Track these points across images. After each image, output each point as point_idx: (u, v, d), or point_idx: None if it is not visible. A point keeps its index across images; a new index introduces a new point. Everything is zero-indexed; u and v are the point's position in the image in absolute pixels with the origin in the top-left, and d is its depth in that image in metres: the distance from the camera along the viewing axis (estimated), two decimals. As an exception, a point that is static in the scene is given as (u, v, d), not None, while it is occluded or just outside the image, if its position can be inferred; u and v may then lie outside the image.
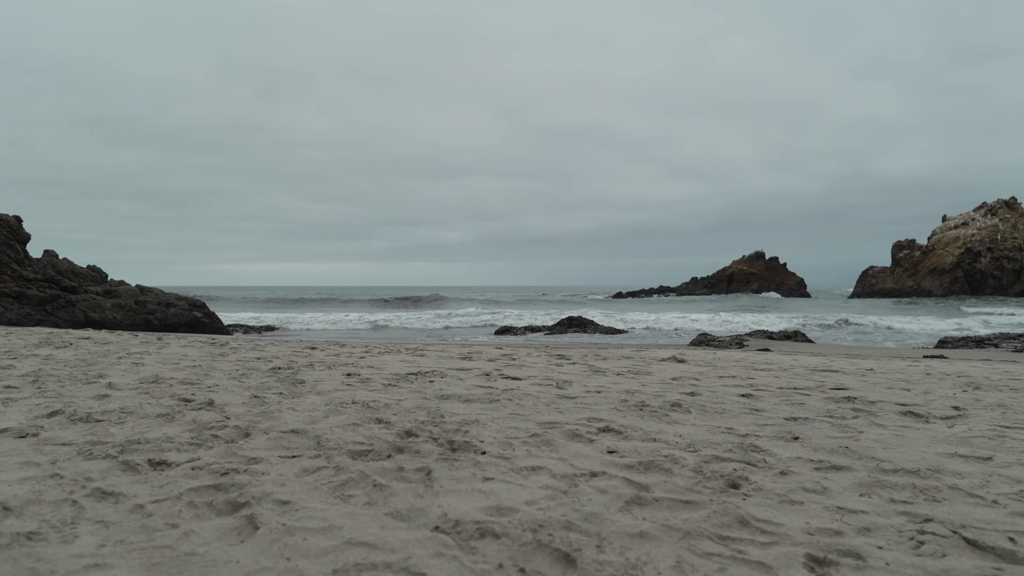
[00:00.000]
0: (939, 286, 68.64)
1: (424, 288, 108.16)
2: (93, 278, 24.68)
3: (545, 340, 19.36)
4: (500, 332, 24.16)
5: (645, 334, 21.02)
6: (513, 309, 40.65)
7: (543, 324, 25.81)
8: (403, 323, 27.13)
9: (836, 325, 21.66)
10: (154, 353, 6.80)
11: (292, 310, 40.25)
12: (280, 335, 23.61)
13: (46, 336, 10.00)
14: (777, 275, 77.65)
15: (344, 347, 10.15)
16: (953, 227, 72.91)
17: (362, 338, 21.19)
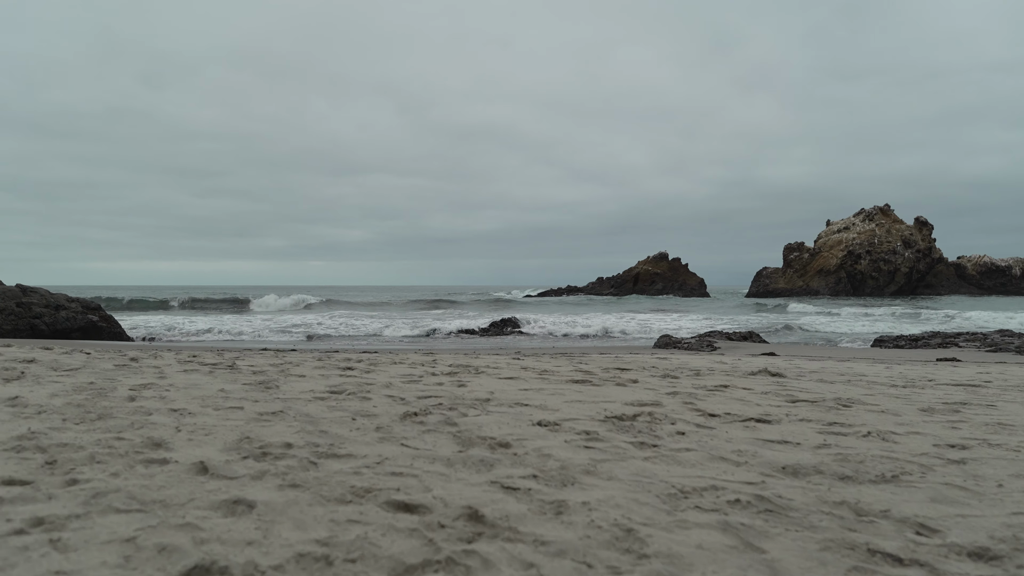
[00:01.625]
0: (825, 286, 74.02)
1: (325, 288, 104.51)
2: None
3: (493, 343, 18.92)
4: (428, 334, 23.54)
5: (595, 335, 21.01)
6: (435, 311, 39.89)
7: (474, 327, 25.37)
8: (329, 329, 25.83)
9: (781, 329, 22.61)
10: (148, 382, 5.44)
11: (192, 312, 37.48)
12: (208, 340, 21.71)
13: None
14: (680, 275, 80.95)
15: (338, 356, 9.29)
16: (836, 231, 78.83)
17: (309, 348, 19.90)
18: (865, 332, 20.75)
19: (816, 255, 77.81)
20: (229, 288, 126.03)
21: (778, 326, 23.88)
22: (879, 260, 73.48)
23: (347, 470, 2.77)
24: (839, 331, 21.67)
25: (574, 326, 23.31)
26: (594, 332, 21.40)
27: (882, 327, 23.19)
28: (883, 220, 76.84)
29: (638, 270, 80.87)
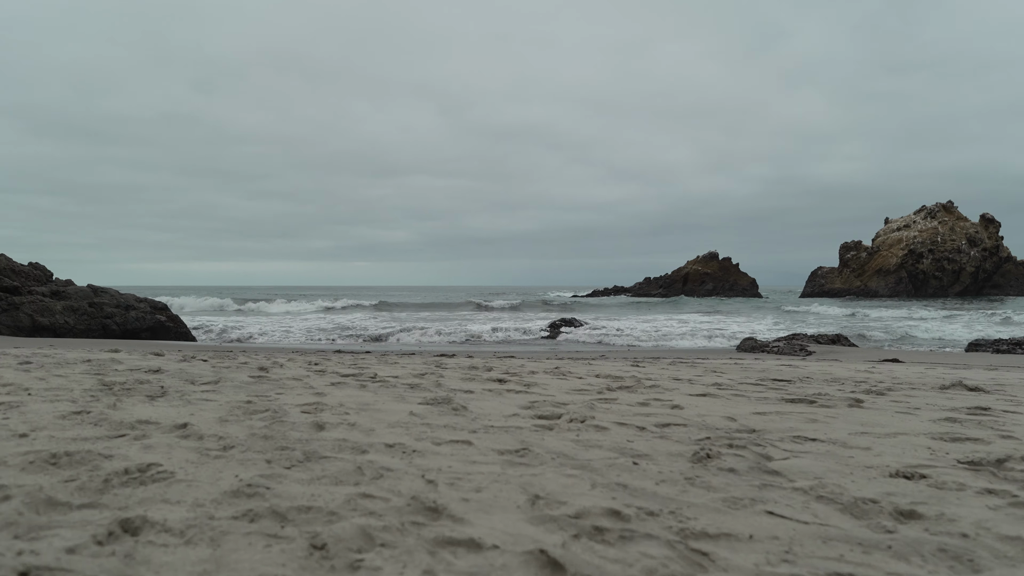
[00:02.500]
0: (885, 286, 71.07)
1: (369, 289, 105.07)
2: (37, 277, 21.62)
3: (588, 348, 17.93)
4: (502, 339, 22.68)
5: (658, 338, 19.86)
6: (485, 312, 39.05)
7: (533, 328, 24.38)
8: (398, 331, 25.14)
9: (857, 332, 21.09)
10: (311, 402, 4.44)
11: (244, 312, 37.37)
12: (284, 342, 21.26)
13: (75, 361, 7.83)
14: (731, 275, 78.78)
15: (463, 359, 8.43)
16: (896, 229, 75.67)
17: (406, 350, 19.25)
18: (959, 336, 19.08)
19: (874, 254, 74.82)
20: (276, 289, 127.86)
21: (860, 329, 22.34)
22: (943, 259, 70.23)
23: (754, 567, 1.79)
24: (933, 335, 20.05)
25: (653, 329, 22.15)
26: (678, 334, 20.20)
27: (963, 329, 21.49)
28: (946, 217, 73.45)
29: (687, 270, 78.96)
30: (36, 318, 18.83)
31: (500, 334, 20.64)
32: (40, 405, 3.56)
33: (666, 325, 24.45)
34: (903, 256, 71.90)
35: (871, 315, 30.78)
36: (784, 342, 14.30)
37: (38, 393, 3.92)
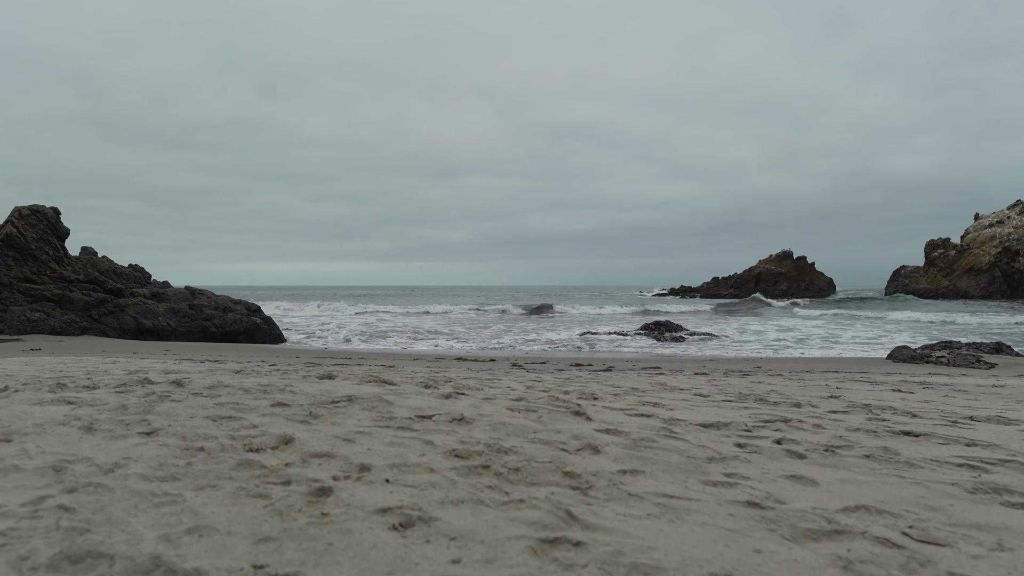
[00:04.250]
0: (976, 286, 66.75)
1: (430, 288, 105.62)
2: (136, 279, 22.02)
3: (691, 354, 16.89)
4: (584, 335, 21.84)
5: (776, 345, 18.56)
6: (588, 308, 38.21)
7: (624, 330, 23.43)
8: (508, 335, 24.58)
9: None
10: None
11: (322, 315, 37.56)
12: (378, 348, 20.95)
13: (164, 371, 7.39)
14: (806, 275, 75.60)
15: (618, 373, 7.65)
16: (987, 225, 70.99)
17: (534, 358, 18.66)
18: None
19: (964, 252, 70.39)
20: (341, 288, 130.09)
21: (997, 334, 20.43)
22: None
23: None
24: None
25: (760, 334, 20.86)
26: (796, 341, 18.88)
27: None
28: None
29: (759, 270, 76.18)
30: (140, 320, 19.07)
31: (633, 343, 19.71)
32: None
33: (781, 332, 23.07)
34: (996, 254, 67.34)
35: (999, 321, 28.43)
36: (948, 351, 12.90)
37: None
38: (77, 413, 2.92)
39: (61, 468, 2.04)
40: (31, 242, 19.11)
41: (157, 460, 2.19)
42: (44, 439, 2.45)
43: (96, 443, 2.38)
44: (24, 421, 2.73)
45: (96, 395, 3.45)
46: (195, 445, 2.40)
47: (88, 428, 2.61)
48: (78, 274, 20.02)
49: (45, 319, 17.81)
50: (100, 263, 21.64)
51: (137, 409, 3.01)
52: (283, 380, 4.39)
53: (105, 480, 1.94)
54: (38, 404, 3.17)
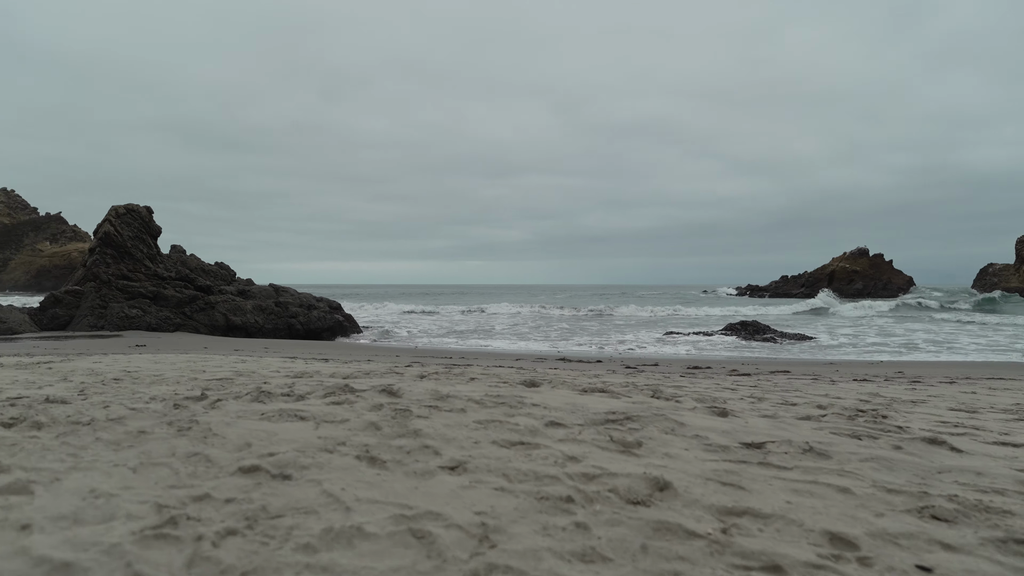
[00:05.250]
0: (1075, 285, 62.22)
1: (489, 287, 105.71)
2: (223, 276, 22.26)
3: (764, 355, 15.82)
4: (669, 334, 20.91)
5: (870, 348, 17.25)
6: (660, 308, 37.16)
7: (707, 329, 22.34)
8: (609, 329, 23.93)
9: None
10: None
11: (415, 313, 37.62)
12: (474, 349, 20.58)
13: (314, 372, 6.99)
14: (883, 273, 72.02)
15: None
16: (1087, 221, 66.17)
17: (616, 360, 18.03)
18: None
19: (1061, 249, 65.82)
20: (399, 287, 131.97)
21: None
22: None
23: None
24: None
25: (856, 337, 19.52)
26: (922, 343, 17.54)
27: None
28: None
29: (832, 268, 73.01)
30: (230, 317, 19.18)
31: (722, 344, 18.81)
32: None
33: (882, 335, 21.63)
34: (1098, 251, 62.74)
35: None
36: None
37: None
38: (329, 434, 2.41)
39: (423, 535, 1.48)
40: (127, 240, 19.48)
41: (539, 523, 1.61)
42: (333, 476, 1.92)
43: (410, 485, 1.83)
44: (280, 446, 2.22)
45: (319, 408, 2.95)
46: (551, 492, 1.82)
47: (370, 459, 2.08)
48: (170, 271, 20.33)
49: (142, 315, 18.08)
50: (189, 261, 21.97)
51: (395, 430, 2.48)
52: (501, 390, 3.81)
53: (524, 564, 1.37)
54: (267, 419, 2.68)
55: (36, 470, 1.88)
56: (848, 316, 31.74)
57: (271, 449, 2.17)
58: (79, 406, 3.01)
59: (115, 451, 2.15)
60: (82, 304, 18.16)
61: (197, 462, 2.02)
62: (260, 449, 2.18)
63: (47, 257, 71.43)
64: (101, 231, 19.63)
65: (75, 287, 19.06)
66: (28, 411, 2.86)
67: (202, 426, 2.50)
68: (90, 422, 2.54)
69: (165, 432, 2.42)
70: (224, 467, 1.97)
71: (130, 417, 2.68)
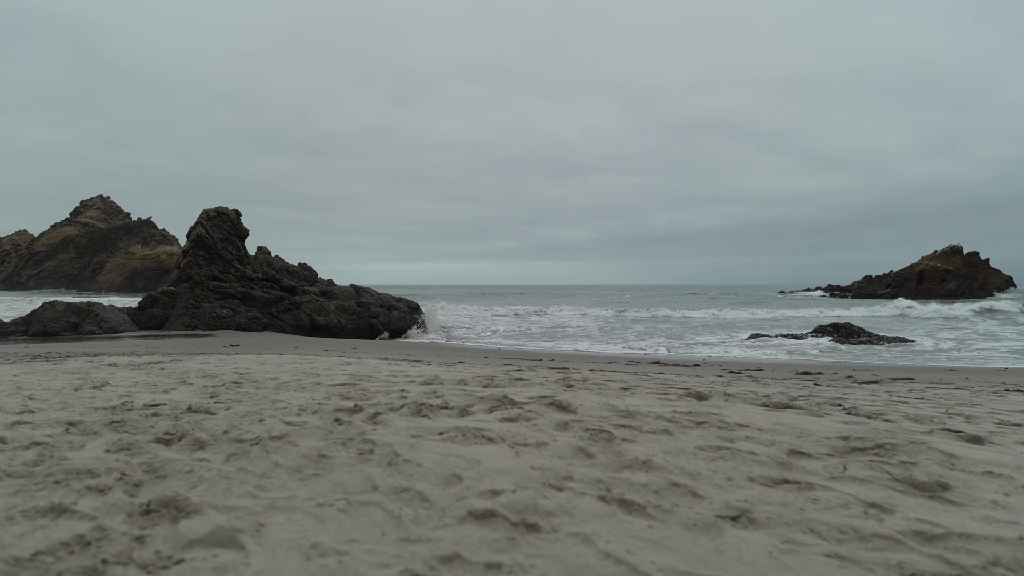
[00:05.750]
0: None
1: (553, 287, 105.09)
2: (306, 277, 22.62)
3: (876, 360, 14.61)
4: (754, 337, 19.80)
5: (981, 354, 15.70)
6: (736, 311, 35.82)
7: (795, 332, 21.03)
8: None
9: None
10: None
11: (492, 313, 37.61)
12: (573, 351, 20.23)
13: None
14: (978, 273, 67.29)
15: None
16: None
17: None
18: None
19: None
20: (467, 287, 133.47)
21: None
22: None
23: None
24: None
25: (962, 342, 17.91)
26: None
27: None
28: None
29: (922, 267, 68.80)
30: (314, 317, 19.40)
31: (827, 347, 17.72)
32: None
33: (990, 339, 19.90)
34: None
35: None
36: None
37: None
38: (541, 464, 1.96)
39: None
40: (218, 242, 20.01)
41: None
42: (592, 527, 1.47)
43: (703, 544, 1.35)
44: (497, 480, 1.79)
45: (497, 426, 2.52)
46: (913, 565, 1.32)
47: (620, 501, 1.61)
48: (257, 272, 20.77)
49: (232, 315, 18.48)
50: (274, 262, 22.42)
51: (612, 458, 2.01)
52: (679, 403, 3.30)
53: None
54: (450, 440, 2.27)
55: (231, 510, 1.52)
56: (944, 317, 29.51)
57: (489, 484, 1.74)
58: (228, 418, 2.70)
59: (303, 481, 1.78)
60: (177, 304, 18.73)
61: (411, 501, 1.62)
62: (475, 483, 1.76)
63: (139, 259, 75.51)
64: (194, 233, 20.23)
65: (170, 288, 19.70)
66: (179, 423, 2.57)
67: (383, 448, 2.12)
68: (256, 441, 2.20)
69: (345, 455, 2.05)
70: (447, 509, 1.57)
71: (294, 434, 2.34)
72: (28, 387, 4.46)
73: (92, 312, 16.52)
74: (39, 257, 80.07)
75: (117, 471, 1.81)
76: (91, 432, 2.39)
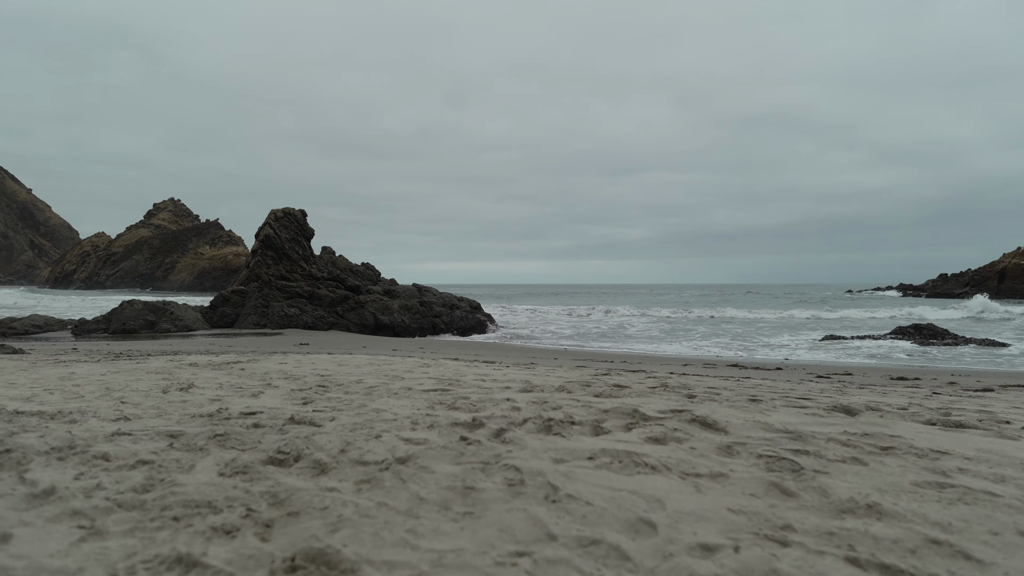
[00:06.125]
0: None
1: (610, 287, 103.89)
2: (369, 276, 22.76)
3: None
4: (829, 339, 18.69)
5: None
6: (800, 311, 34.41)
7: (872, 333, 19.79)
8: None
9: None
10: None
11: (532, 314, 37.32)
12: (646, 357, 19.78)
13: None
14: (1070, 271, 62.83)
15: None
16: None
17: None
18: None
19: None
20: (522, 286, 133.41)
21: None
22: None
23: None
24: None
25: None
26: None
27: None
28: None
29: (1004, 264, 64.72)
30: (378, 316, 19.45)
31: (910, 350, 16.64)
32: None
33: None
34: None
35: None
36: None
37: None
38: (737, 504, 1.59)
39: None
40: (285, 242, 20.29)
41: None
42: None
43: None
44: (700, 529, 1.42)
45: (648, 448, 2.15)
46: None
47: (879, 567, 1.24)
48: (322, 272, 20.98)
49: (299, 314, 18.68)
50: (339, 262, 22.64)
51: (817, 497, 1.62)
52: (835, 422, 2.85)
53: None
54: (605, 468, 1.92)
55: (392, 568, 1.20)
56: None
57: (693, 535, 1.38)
58: (340, 433, 2.42)
59: (458, 523, 1.46)
60: (246, 303, 19.08)
61: (605, 558, 1.28)
62: (673, 533, 1.40)
63: (207, 260, 78.37)
64: (262, 234, 20.59)
65: (240, 287, 20.10)
66: (288, 439, 2.30)
67: (533, 478, 1.78)
68: (385, 466, 1.90)
69: (493, 487, 1.72)
70: (656, 573, 1.21)
71: (421, 456, 2.03)
72: (117, 388, 4.35)
73: (167, 311, 16.95)
74: (116, 258, 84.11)
75: (240, 504, 1.53)
76: (196, 447, 2.14)
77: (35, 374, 5.57)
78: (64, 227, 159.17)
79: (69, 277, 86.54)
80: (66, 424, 2.69)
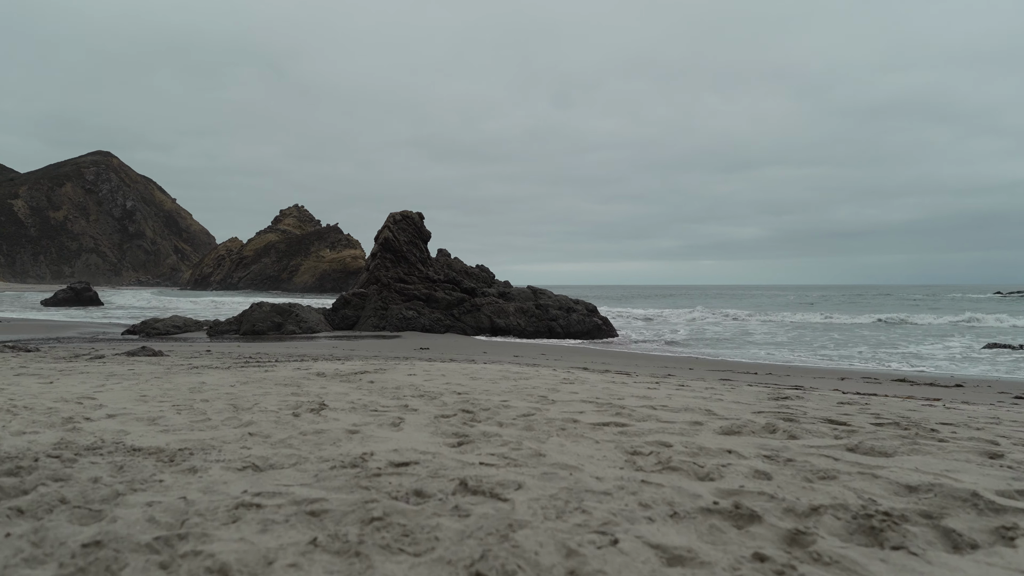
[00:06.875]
0: None
1: (722, 288, 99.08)
2: (484, 279, 22.45)
3: None
4: (991, 347, 16.08)
5: None
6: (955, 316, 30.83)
7: None
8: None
9: None
10: None
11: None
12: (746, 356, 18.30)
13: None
14: None
15: None
16: None
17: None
18: None
19: None
20: (632, 287, 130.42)
21: None
22: None
23: None
24: None
25: None
26: None
27: None
28: None
29: None
30: (494, 319, 19.03)
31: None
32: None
33: None
34: None
35: None
36: None
37: None
38: None
39: None
40: (403, 245, 20.34)
41: None
42: None
43: None
44: None
45: None
46: None
47: None
48: (439, 274, 20.86)
49: (416, 317, 18.58)
50: (454, 264, 22.48)
51: None
52: None
53: None
54: None
55: None
56: None
57: None
58: (545, 525, 1.69)
59: None
60: (366, 306, 19.25)
61: None
62: None
63: (328, 262, 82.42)
64: (381, 237, 20.77)
65: (360, 290, 20.36)
66: (478, 539, 1.60)
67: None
68: None
69: None
70: None
71: (671, 526, 1.24)
72: (245, 406, 3.90)
73: (293, 313, 17.34)
74: (247, 261, 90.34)
75: None
76: (350, 551, 1.47)
77: (167, 383, 5.34)
78: (203, 233, 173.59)
79: (207, 279, 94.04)
80: (185, 476, 2.13)
